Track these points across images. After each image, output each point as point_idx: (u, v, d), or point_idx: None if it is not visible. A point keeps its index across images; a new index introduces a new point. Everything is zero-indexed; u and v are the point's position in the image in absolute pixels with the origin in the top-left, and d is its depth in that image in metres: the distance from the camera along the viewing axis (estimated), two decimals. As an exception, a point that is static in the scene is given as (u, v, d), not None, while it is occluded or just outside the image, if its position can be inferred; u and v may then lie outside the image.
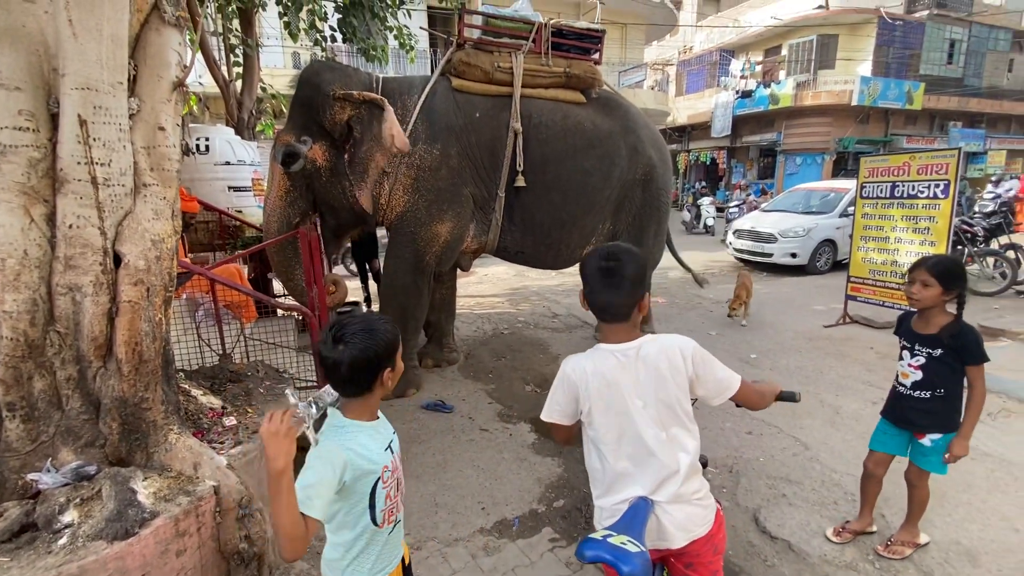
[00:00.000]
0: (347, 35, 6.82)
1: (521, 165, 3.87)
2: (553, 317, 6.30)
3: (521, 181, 3.89)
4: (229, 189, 6.05)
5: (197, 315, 3.34)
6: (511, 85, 3.86)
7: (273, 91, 7.90)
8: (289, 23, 6.52)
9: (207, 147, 5.94)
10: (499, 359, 4.81)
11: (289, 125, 3.67)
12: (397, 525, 1.31)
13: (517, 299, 7.28)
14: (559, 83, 4.09)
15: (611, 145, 4.20)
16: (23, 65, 1.64)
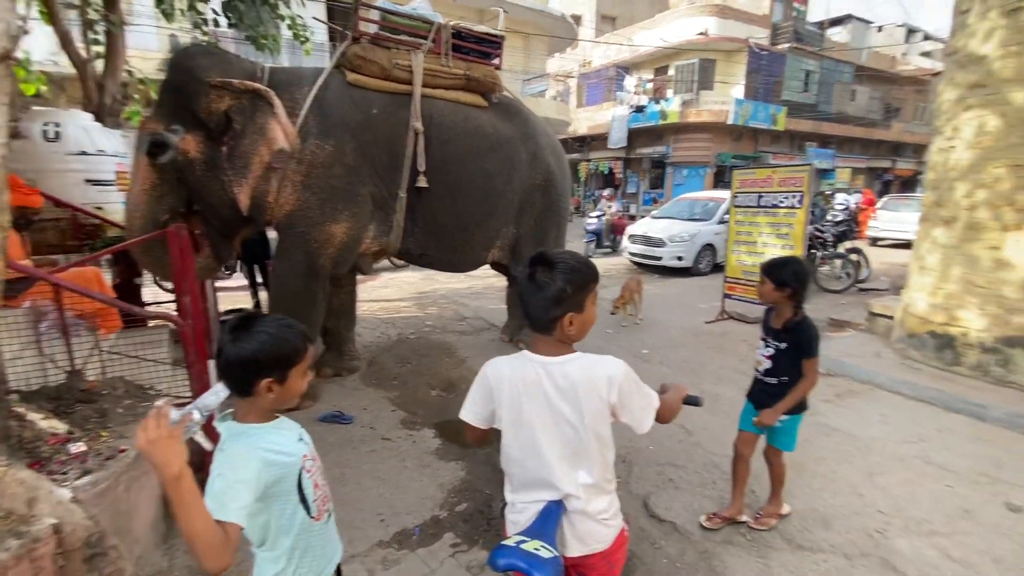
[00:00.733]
0: (233, 20, 6.28)
1: (422, 165, 3.79)
2: (461, 320, 6.27)
3: (423, 182, 3.82)
4: (87, 182, 5.26)
5: (42, 326, 2.87)
6: (410, 83, 3.78)
7: (141, 75, 7.05)
8: (162, 0, 5.87)
9: (57, 134, 5.13)
10: (404, 365, 4.68)
11: (157, 112, 3.30)
12: (330, 517, 1.23)
13: (424, 303, 7.15)
14: (460, 85, 4.08)
15: (512, 149, 4.26)
16: None
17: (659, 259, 9.43)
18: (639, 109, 20.90)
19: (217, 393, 1.08)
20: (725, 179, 19.36)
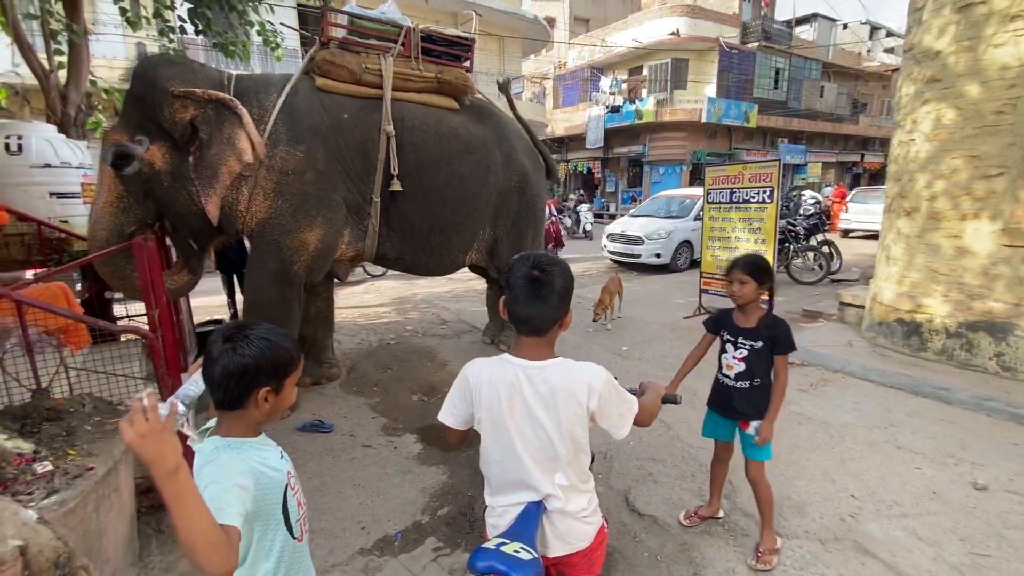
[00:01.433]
0: (200, 27, 6.18)
1: (396, 169, 3.78)
2: (442, 324, 6.25)
3: (397, 185, 3.80)
4: (51, 195, 5.13)
5: (6, 344, 2.79)
6: (380, 87, 3.77)
7: (105, 85, 6.89)
8: (127, 9, 5.75)
9: (20, 146, 5.00)
10: (385, 371, 4.65)
11: (122, 123, 3.23)
12: (306, 539, 1.20)
13: (405, 308, 7.12)
14: (431, 88, 4.08)
15: (486, 152, 4.27)
16: None
17: (638, 257, 9.54)
18: (615, 109, 21.14)
19: (196, 382, 1.06)
20: (701, 176, 19.65)
